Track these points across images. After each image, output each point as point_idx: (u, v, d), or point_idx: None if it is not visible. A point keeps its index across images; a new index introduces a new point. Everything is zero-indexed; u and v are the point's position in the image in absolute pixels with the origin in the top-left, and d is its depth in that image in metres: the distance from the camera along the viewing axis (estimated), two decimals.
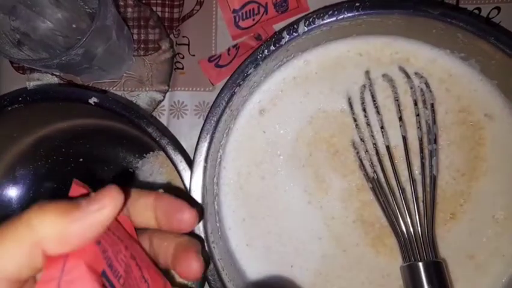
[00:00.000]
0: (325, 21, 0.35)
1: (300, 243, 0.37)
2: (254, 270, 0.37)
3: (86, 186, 0.21)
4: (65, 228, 0.18)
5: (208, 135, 0.35)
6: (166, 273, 0.25)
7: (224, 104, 0.35)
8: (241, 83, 0.35)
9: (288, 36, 0.35)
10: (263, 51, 0.35)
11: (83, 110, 0.38)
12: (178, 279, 0.33)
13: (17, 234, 0.18)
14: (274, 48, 0.35)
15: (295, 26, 0.35)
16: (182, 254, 0.24)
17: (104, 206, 0.19)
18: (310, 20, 0.35)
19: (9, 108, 0.37)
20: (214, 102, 0.35)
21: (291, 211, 0.37)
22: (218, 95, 0.35)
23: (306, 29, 0.35)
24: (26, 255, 0.18)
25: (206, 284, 0.34)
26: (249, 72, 0.35)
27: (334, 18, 0.35)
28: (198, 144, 0.35)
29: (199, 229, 0.34)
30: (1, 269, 0.18)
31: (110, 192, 0.19)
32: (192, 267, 0.24)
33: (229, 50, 0.44)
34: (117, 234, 0.22)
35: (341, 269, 0.36)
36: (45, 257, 0.18)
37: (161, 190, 0.25)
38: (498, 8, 0.41)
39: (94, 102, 0.36)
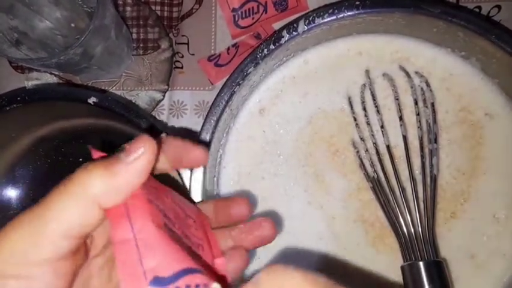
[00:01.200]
0: (325, 20, 0.35)
1: (300, 244, 0.37)
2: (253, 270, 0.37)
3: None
4: (113, 180, 0.20)
5: (208, 135, 0.35)
6: None
7: (224, 103, 0.35)
8: (240, 82, 0.35)
9: (287, 35, 0.35)
10: (263, 50, 0.35)
11: (83, 110, 0.38)
12: None
13: (72, 194, 0.19)
14: (274, 47, 0.35)
15: (295, 25, 0.35)
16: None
17: (142, 153, 0.20)
18: (310, 18, 0.35)
19: (8, 108, 0.37)
20: (213, 101, 0.35)
21: (292, 211, 0.37)
22: (218, 94, 0.35)
23: (306, 27, 0.35)
24: (85, 211, 0.19)
25: None
26: (248, 72, 0.35)
27: (334, 17, 0.35)
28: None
29: None
30: (65, 226, 0.19)
31: (143, 141, 0.21)
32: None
33: (228, 49, 0.44)
34: (153, 185, 0.23)
35: (342, 269, 0.36)
36: (105, 213, 0.20)
37: (164, 134, 0.25)
38: (498, 7, 0.41)
39: (93, 102, 0.36)
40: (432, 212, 0.34)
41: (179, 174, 0.37)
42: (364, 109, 0.36)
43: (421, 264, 0.32)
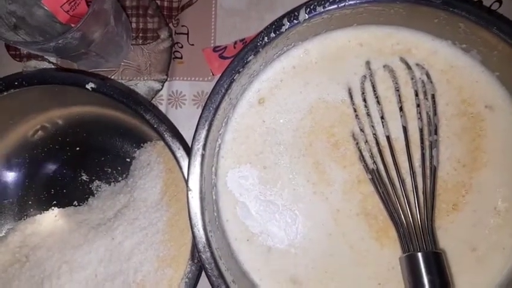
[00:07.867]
0: (326, 9, 0.34)
1: (307, 241, 0.36)
2: (254, 265, 0.36)
3: None
4: None
5: (207, 123, 0.35)
6: None
7: (223, 91, 0.35)
8: (240, 70, 0.35)
9: (288, 24, 0.35)
10: (263, 38, 0.35)
11: (80, 97, 0.38)
12: None
13: None
14: (274, 35, 0.35)
15: (296, 13, 0.35)
16: None
17: None
18: (311, 7, 0.34)
19: (5, 93, 0.37)
20: (213, 89, 0.35)
21: (299, 205, 0.36)
22: (217, 82, 0.35)
23: (306, 16, 0.35)
24: None
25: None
26: (248, 60, 0.35)
27: (335, 6, 0.34)
28: (196, 131, 0.34)
29: (197, 217, 0.33)
30: None
31: None
32: None
33: (235, 43, 0.43)
34: None
35: (348, 266, 0.35)
36: None
37: None
38: (500, 2, 0.41)
39: (91, 87, 0.35)
40: (432, 203, 0.34)
41: (178, 164, 0.36)
42: (364, 100, 0.36)
43: (420, 255, 0.31)
